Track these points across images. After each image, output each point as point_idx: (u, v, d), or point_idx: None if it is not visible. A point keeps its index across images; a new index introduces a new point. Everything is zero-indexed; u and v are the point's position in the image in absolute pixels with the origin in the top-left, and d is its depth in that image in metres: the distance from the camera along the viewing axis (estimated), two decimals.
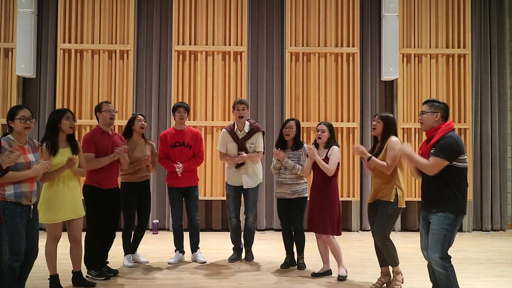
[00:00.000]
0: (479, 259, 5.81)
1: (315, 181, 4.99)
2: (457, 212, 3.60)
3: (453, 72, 7.86)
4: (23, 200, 3.65)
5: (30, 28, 7.49)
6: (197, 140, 5.57)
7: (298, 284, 4.74)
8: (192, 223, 5.56)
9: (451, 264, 3.62)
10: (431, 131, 3.74)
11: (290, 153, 5.29)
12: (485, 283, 4.79)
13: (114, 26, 7.73)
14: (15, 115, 3.71)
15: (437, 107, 3.76)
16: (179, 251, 5.58)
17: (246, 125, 5.62)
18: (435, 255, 3.61)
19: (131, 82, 7.66)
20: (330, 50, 7.78)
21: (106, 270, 4.87)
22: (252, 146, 5.57)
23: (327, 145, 4.98)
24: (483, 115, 8.05)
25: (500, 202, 8.01)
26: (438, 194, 3.63)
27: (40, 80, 7.79)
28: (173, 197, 5.54)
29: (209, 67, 7.70)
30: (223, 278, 4.93)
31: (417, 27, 7.91)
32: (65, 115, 4.22)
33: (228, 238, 5.86)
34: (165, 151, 5.52)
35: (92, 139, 4.77)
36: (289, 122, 5.35)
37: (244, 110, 5.59)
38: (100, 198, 4.74)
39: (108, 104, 4.99)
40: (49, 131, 4.20)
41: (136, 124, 5.40)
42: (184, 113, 5.54)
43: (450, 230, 3.58)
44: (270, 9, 8.04)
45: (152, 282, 4.77)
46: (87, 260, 4.74)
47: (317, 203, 4.89)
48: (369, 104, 7.94)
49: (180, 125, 5.58)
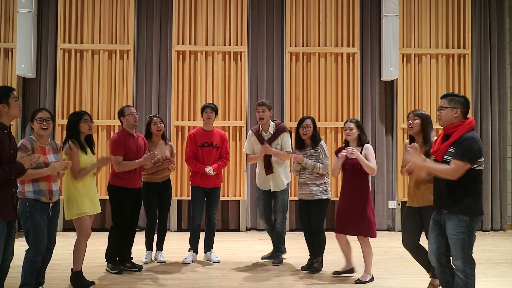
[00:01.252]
0: (479, 259, 5.72)
1: (347, 181, 4.79)
2: (472, 214, 3.38)
3: (453, 72, 7.86)
4: (42, 197, 3.89)
5: (30, 28, 7.49)
6: (224, 142, 5.62)
7: (299, 284, 4.74)
8: (210, 223, 5.59)
9: (474, 271, 3.42)
10: (449, 127, 3.46)
11: (308, 151, 5.15)
12: (485, 283, 4.78)
13: (114, 26, 7.73)
14: (34, 116, 3.99)
15: (457, 101, 3.48)
16: (193, 250, 5.57)
17: (271, 126, 5.54)
18: (457, 261, 3.43)
19: (131, 82, 7.67)
20: (330, 50, 7.78)
21: (130, 265, 5.12)
22: (278, 146, 5.49)
23: (359, 143, 4.81)
24: (483, 115, 8.04)
25: (500, 202, 8.01)
26: (451, 196, 3.42)
27: (40, 80, 7.79)
28: (196, 196, 5.55)
29: (209, 67, 7.70)
30: (223, 278, 4.92)
31: (417, 27, 7.91)
32: (82, 118, 4.44)
33: (228, 238, 5.88)
34: (193, 151, 5.54)
35: (121, 142, 4.97)
36: (305, 121, 5.18)
37: (265, 112, 5.48)
38: (124, 197, 4.97)
39: (130, 107, 5.20)
40: (71, 132, 4.41)
41: (153, 127, 5.53)
42: (211, 113, 5.56)
43: (468, 233, 3.38)
44: (270, 9, 8.04)
45: (152, 282, 4.77)
46: (107, 254, 5.03)
47: (352, 204, 4.69)
48: (369, 104, 7.94)
49: (208, 125, 5.60)
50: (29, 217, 3.82)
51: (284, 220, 5.56)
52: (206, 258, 5.61)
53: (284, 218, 5.55)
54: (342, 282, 4.76)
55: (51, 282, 4.53)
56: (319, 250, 5.16)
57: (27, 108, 7.74)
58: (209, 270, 5.23)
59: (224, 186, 7.48)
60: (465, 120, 3.44)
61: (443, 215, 3.48)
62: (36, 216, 3.83)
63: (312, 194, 5.10)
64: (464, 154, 3.31)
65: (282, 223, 5.55)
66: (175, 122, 7.57)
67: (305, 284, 4.72)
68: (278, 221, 5.55)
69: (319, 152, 5.13)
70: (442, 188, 3.48)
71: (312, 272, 5.09)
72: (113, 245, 5.01)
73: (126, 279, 4.83)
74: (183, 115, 7.61)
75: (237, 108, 7.64)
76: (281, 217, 5.53)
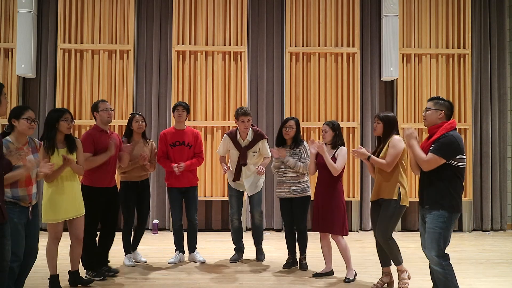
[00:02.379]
0: (479, 259, 5.81)
1: (321, 181, 4.93)
2: (451, 210, 3.60)
3: (453, 72, 7.86)
4: (21, 202, 3.63)
5: (30, 28, 7.49)
6: (197, 140, 5.56)
7: (299, 284, 4.74)
8: (191, 224, 5.55)
9: (449, 263, 3.61)
10: (432, 128, 3.74)
11: (289, 151, 5.24)
12: (485, 283, 4.78)
13: (114, 26, 7.73)
14: (21, 114, 3.65)
15: (442, 104, 3.75)
16: (179, 251, 5.57)
17: (250, 133, 5.51)
18: (431, 253, 3.61)
19: (131, 82, 7.67)
20: (330, 50, 7.78)
21: (107, 269, 4.86)
22: (255, 154, 5.51)
23: (334, 145, 4.92)
24: (483, 115, 8.04)
25: (500, 202, 8.01)
26: (433, 192, 3.65)
27: (40, 80, 7.79)
28: (173, 197, 5.53)
29: (209, 67, 7.70)
30: (223, 278, 4.92)
31: (417, 27, 7.91)
32: (63, 116, 4.21)
33: (228, 238, 5.86)
34: (164, 150, 5.50)
35: (91, 138, 4.74)
36: (289, 122, 5.28)
37: (249, 121, 5.46)
38: (96, 197, 4.71)
39: (105, 102, 4.95)
40: (47, 130, 4.20)
41: (134, 125, 5.41)
42: (183, 112, 5.50)
43: (444, 228, 3.58)
44: (270, 9, 8.04)
45: (152, 282, 4.76)
46: (84, 260, 4.70)
47: (324, 203, 4.83)
48: (369, 104, 7.94)
49: (180, 124, 5.55)
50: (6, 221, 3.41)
51: (262, 215, 5.70)
52: (191, 258, 5.59)
53: (262, 213, 5.66)
54: (342, 282, 4.77)
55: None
56: (304, 248, 5.29)
57: None
58: (208, 270, 5.23)
59: (224, 186, 7.49)
60: (447, 121, 3.71)
61: (425, 210, 3.72)
62: (14, 220, 3.53)
63: (292, 192, 5.19)
64: (439, 149, 3.58)
65: (261, 217, 5.64)
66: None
67: (305, 284, 4.72)
68: (257, 216, 5.60)
69: (302, 151, 5.22)
70: (425, 184, 3.74)
71: (302, 270, 5.21)
72: (88, 249, 4.67)
73: (125, 279, 4.82)
74: None
75: (237, 108, 7.62)
76: (260, 212, 5.60)
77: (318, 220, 4.88)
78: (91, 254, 4.73)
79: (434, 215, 3.62)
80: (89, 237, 4.68)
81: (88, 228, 4.62)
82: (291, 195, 5.20)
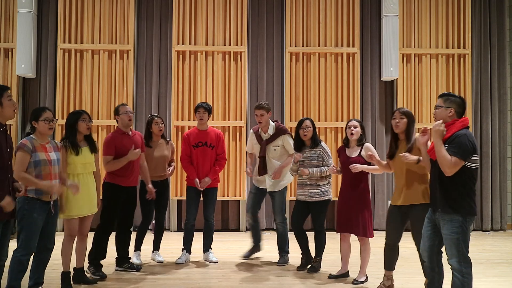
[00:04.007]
0: (479, 259, 5.81)
1: (347, 182, 4.77)
2: (465, 214, 3.40)
3: (453, 72, 7.86)
4: (43, 196, 3.81)
5: (30, 28, 7.49)
6: (219, 141, 5.57)
7: (298, 284, 4.74)
8: (208, 223, 5.56)
9: (470, 271, 3.43)
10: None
11: (308, 152, 5.13)
12: (485, 283, 4.78)
13: (114, 26, 7.73)
14: (40, 116, 3.87)
15: (452, 101, 3.52)
16: (186, 250, 5.55)
17: (271, 127, 5.50)
18: (452, 260, 3.43)
19: (131, 82, 7.66)
20: (330, 50, 7.78)
21: (129, 266, 5.08)
22: (276, 148, 5.47)
23: (359, 143, 4.81)
24: (483, 115, 8.04)
25: (500, 202, 8.01)
26: (446, 196, 3.44)
27: (40, 80, 7.79)
28: (191, 196, 5.53)
29: (209, 67, 7.70)
30: (223, 278, 4.92)
31: (417, 27, 7.91)
32: (81, 117, 4.38)
33: (228, 238, 5.87)
34: (187, 151, 5.53)
35: (113, 141, 4.92)
36: (305, 122, 5.17)
37: (263, 115, 5.42)
38: (118, 195, 4.90)
39: (125, 106, 5.14)
40: (68, 132, 4.38)
41: (154, 128, 5.49)
42: (204, 113, 5.52)
43: (461, 232, 3.40)
44: (270, 9, 8.04)
45: (152, 282, 4.76)
46: (91, 255, 4.83)
47: (352, 204, 4.69)
48: (369, 104, 7.94)
49: (202, 125, 5.57)
50: (26, 215, 3.71)
51: (284, 221, 5.52)
52: (205, 258, 5.60)
53: (284, 219, 5.52)
54: (341, 282, 4.77)
55: (51, 282, 4.52)
56: (319, 250, 5.15)
57: (27, 108, 7.75)
58: (209, 270, 5.23)
59: (224, 186, 7.49)
60: (458, 119, 3.48)
61: (438, 215, 3.52)
62: (33, 215, 3.74)
63: (311, 196, 5.08)
64: (458, 151, 3.34)
65: (282, 223, 5.52)
66: (175, 122, 7.57)
67: (305, 284, 4.72)
68: (278, 222, 5.53)
69: (322, 153, 5.11)
70: (436, 187, 3.52)
71: (311, 272, 5.09)
72: (99, 245, 4.84)
73: (126, 278, 4.83)
74: (183, 115, 7.61)
75: (237, 108, 7.64)
76: (280, 218, 5.50)
77: (341, 220, 4.76)
78: (99, 249, 4.84)
79: (449, 221, 3.42)
80: (103, 231, 4.86)
81: (104, 224, 4.84)
82: (309, 198, 5.08)
